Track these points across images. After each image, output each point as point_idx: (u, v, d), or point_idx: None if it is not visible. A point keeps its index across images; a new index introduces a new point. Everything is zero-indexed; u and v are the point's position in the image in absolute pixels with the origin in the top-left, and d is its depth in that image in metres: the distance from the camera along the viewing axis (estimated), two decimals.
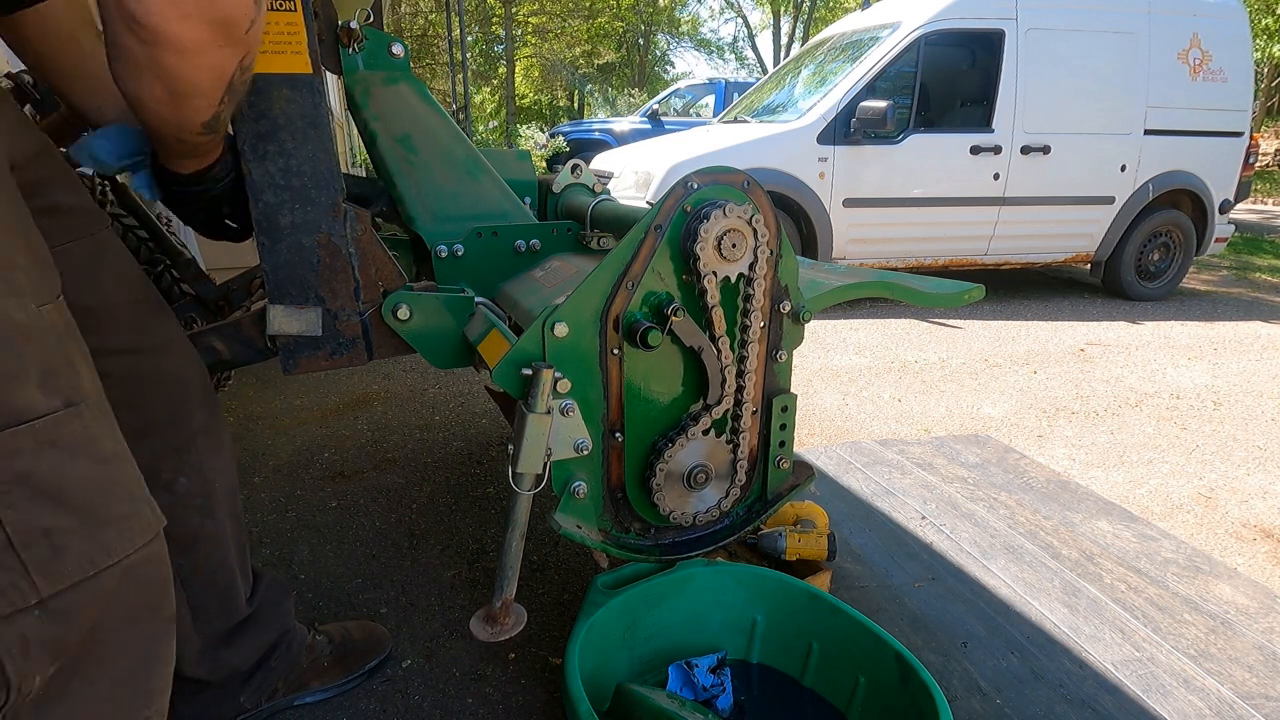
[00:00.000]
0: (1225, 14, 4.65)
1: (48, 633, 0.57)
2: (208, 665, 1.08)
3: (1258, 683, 1.31)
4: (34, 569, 0.55)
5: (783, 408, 1.21)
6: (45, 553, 0.56)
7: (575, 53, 24.10)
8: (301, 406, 2.60)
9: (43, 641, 0.56)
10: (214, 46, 0.64)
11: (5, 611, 0.54)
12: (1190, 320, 4.39)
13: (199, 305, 1.42)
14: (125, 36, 0.61)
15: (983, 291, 1.25)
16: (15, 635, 0.55)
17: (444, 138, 1.56)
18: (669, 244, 1.04)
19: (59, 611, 0.57)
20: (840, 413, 2.71)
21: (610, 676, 1.11)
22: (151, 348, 0.94)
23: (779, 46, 24.01)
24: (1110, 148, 4.60)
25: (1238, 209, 8.72)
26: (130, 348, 0.90)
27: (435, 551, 1.68)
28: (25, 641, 0.55)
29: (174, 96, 0.69)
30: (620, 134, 9.46)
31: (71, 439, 0.59)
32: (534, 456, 0.97)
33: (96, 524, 0.60)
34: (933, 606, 1.51)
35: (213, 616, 1.07)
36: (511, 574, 1.03)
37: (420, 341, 1.16)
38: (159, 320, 0.96)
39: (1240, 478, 2.23)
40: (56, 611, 0.57)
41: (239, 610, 1.11)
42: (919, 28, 4.33)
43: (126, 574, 0.63)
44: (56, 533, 0.57)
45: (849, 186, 4.31)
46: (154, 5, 0.58)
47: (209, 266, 1.64)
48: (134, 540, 0.63)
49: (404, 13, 17.32)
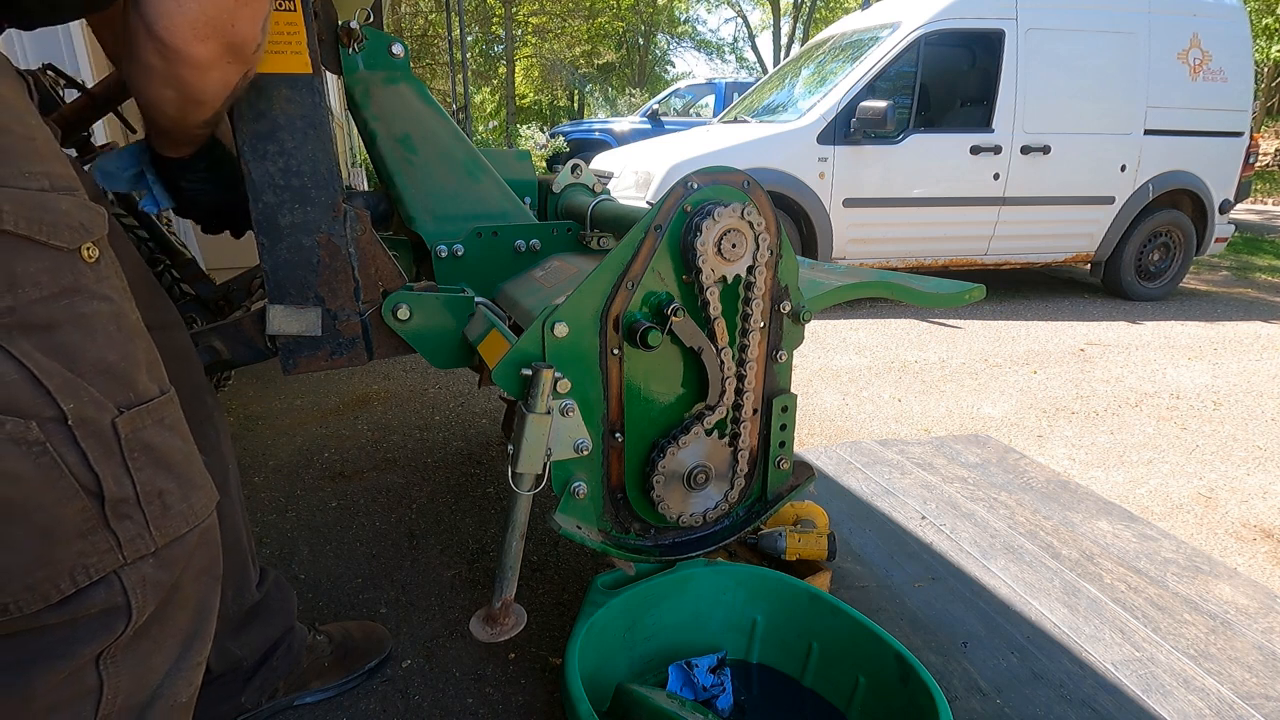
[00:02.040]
0: (1225, 14, 4.65)
1: (157, 578, 0.68)
2: (214, 654, 1.08)
3: (1258, 683, 1.31)
4: (153, 523, 0.66)
5: (783, 408, 1.21)
6: (159, 510, 0.67)
7: (575, 53, 24.09)
8: (301, 406, 2.60)
9: (154, 584, 0.68)
10: (224, 64, 0.75)
11: (133, 557, 0.65)
12: (1190, 320, 4.39)
13: (199, 305, 1.42)
14: (148, 53, 0.71)
15: (983, 291, 1.25)
16: (140, 577, 0.66)
17: (444, 138, 1.56)
18: (669, 244, 1.04)
19: (166, 561, 0.68)
20: (840, 413, 2.71)
21: (610, 676, 1.11)
22: (166, 325, 0.97)
23: (779, 46, 24.00)
24: (1110, 148, 4.60)
25: (1238, 209, 8.73)
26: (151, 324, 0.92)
27: (435, 551, 1.68)
28: (144, 582, 0.66)
29: (184, 102, 0.79)
30: (620, 134, 9.45)
31: (172, 419, 0.71)
32: (534, 457, 0.97)
33: (188, 490, 0.71)
34: (933, 606, 1.51)
35: (227, 599, 1.08)
36: (511, 574, 1.03)
37: (420, 341, 1.16)
38: (166, 299, 1.02)
39: (1240, 478, 2.23)
40: (164, 560, 0.68)
41: (250, 594, 1.13)
42: (919, 28, 4.33)
43: (203, 534, 0.73)
44: (167, 494, 0.68)
45: (849, 186, 4.31)
46: (179, 30, 0.69)
47: (209, 266, 1.64)
48: (208, 506, 0.74)
49: (404, 13, 17.32)
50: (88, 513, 0.62)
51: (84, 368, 0.62)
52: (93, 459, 0.62)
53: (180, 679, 0.74)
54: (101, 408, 0.62)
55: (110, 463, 0.63)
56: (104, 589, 0.64)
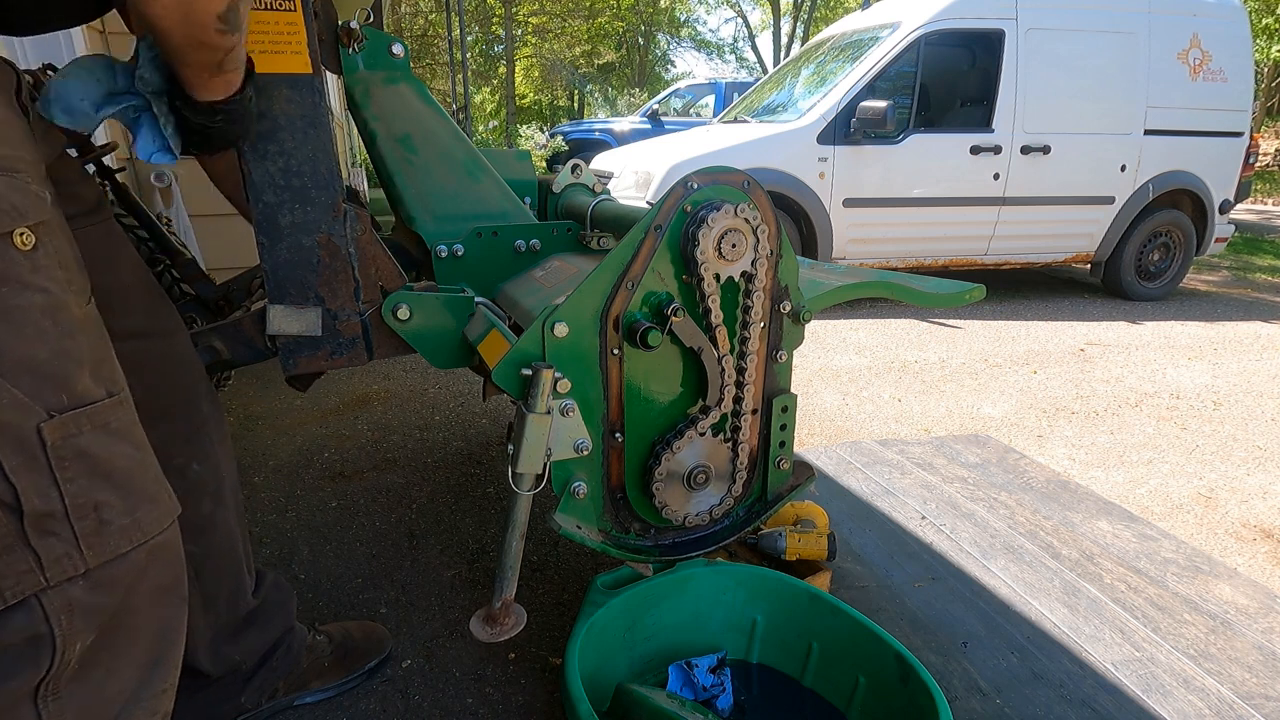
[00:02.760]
0: (1225, 14, 4.65)
1: (91, 602, 0.61)
2: (212, 659, 1.08)
3: (1258, 683, 1.31)
4: (84, 541, 0.60)
5: (783, 408, 1.21)
6: (93, 526, 0.61)
7: (575, 53, 24.08)
8: (301, 406, 2.60)
9: (86, 610, 0.61)
10: None
11: (57, 580, 0.59)
12: (1190, 320, 4.39)
13: (199, 305, 1.42)
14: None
15: (983, 291, 1.25)
16: (65, 602, 0.59)
17: (444, 138, 1.56)
18: (669, 244, 1.04)
19: (101, 583, 0.62)
20: (840, 413, 2.71)
21: (610, 676, 1.11)
22: (162, 332, 0.95)
23: (779, 46, 24.00)
24: (1110, 148, 4.60)
25: (1238, 209, 8.72)
26: (143, 330, 0.92)
27: (435, 551, 1.68)
28: (72, 609, 0.60)
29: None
30: (620, 134, 9.45)
31: (118, 424, 0.65)
32: (534, 457, 0.97)
33: (134, 503, 0.65)
34: (933, 606, 1.51)
35: (222, 606, 1.08)
36: (511, 574, 1.03)
37: (420, 341, 1.16)
38: (168, 306, 0.99)
39: (1240, 478, 2.23)
40: (99, 582, 0.62)
41: (246, 601, 1.12)
42: (919, 28, 4.33)
43: (153, 552, 0.67)
44: (104, 508, 0.62)
45: (849, 186, 4.31)
46: None
47: (209, 266, 1.64)
48: (161, 521, 0.68)
49: (404, 13, 17.32)
50: (2, 529, 0.56)
51: (6, 365, 0.56)
52: (9, 469, 0.56)
53: (141, 708, 0.68)
54: (24, 411, 0.57)
55: (32, 473, 0.57)
56: (23, 615, 0.57)
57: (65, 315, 0.61)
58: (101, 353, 0.66)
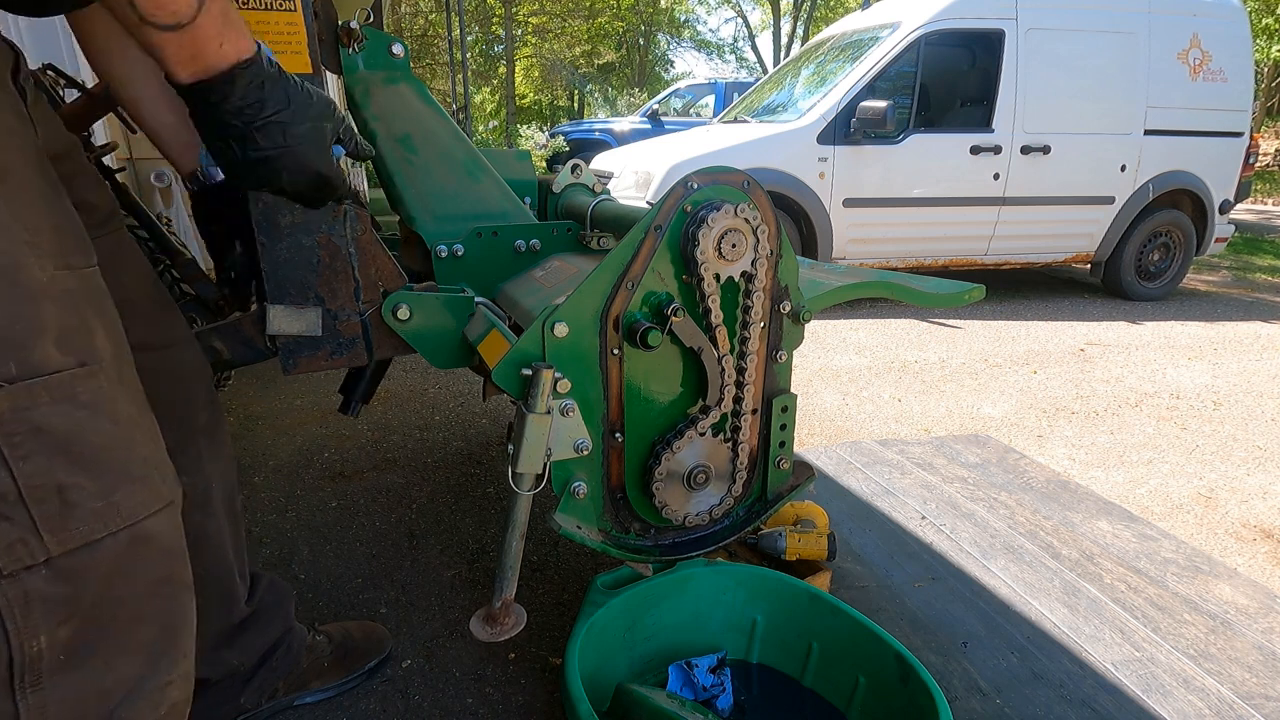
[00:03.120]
0: (1225, 14, 4.65)
1: (54, 593, 0.56)
2: (209, 665, 1.08)
3: (1258, 683, 1.31)
4: (44, 526, 0.55)
5: (783, 408, 1.21)
6: (56, 509, 0.55)
7: (575, 53, 24.09)
8: (301, 406, 2.60)
9: (48, 601, 0.56)
10: None
11: (11, 569, 0.53)
12: (1190, 320, 4.39)
13: (199, 305, 1.42)
14: None
15: (983, 291, 1.25)
16: (19, 593, 0.54)
17: (444, 138, 1.56)
18: (669, 244, 1.04)
19: (68, 572, 0.56)
20: (840, 413, 2.71)
21: (610, 676, 1.11)
22: (164, 344, 0.95)
23: (779, 46, 24.00)
24: (1110, 148, 4.60)
25: (1238, 209, 8.72)
26: (146, 343, 0.91)
27: (435, 551, 1.68)
28: (28, 601, 0.54)
29: None
30: (620, 134, 9.45)
31: (88, 396, 0.58)
32: (534, 457, 0.97)
33: (111, 485, 0.59)
34: (933, 606, 1.51)
35: (213, 617, 1.07)
36: (511, 574, 1.03)
37: (420, 341, 1.16)
38: (172, 318, 0.97)
39: (1240, 478, 2.23)
40: (66, 571, 0.56)
41: (239, 610, 1.11)
42: (919, 28, 4.33)
43: (137, 539, 0.62)
44: (69, 490, 0.56)
45: (849, 186, 4.31)
46: None
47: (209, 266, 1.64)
48: (148, 504, 0.63)
49: (404, 13, 17.32)
50: None
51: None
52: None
53: (144, 700, 0.65)
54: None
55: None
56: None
57: (23, 276, 0.55)
58: (72, 320, 0.59)
